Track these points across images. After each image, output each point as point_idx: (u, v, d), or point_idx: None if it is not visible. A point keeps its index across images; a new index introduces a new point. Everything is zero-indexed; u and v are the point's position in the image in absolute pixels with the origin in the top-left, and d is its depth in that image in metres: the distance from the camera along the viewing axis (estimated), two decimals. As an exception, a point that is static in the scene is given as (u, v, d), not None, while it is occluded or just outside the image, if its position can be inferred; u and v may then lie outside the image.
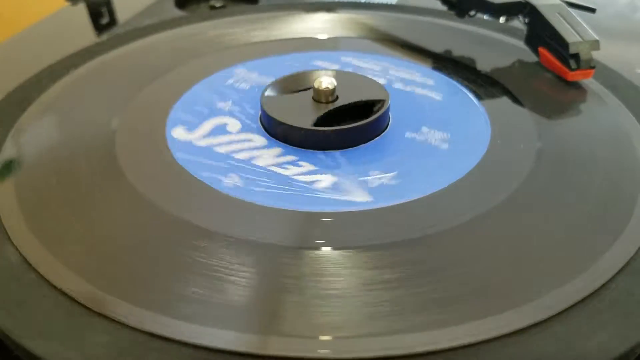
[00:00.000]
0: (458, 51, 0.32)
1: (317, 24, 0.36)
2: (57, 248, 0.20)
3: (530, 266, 0.19)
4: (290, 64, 0.31)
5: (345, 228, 0.21)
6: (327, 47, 0.33)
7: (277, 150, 0.25)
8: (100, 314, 0.17)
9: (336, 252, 0.20)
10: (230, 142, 0.25)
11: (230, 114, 0.27)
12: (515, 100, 0.28)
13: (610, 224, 0.21)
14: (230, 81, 0.30)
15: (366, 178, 0.23)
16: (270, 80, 0.28)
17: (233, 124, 0.26)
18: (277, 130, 0.25)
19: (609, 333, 0.17)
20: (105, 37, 0.37)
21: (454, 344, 0.16)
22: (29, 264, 0.19)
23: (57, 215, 0.22)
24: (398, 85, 0.29)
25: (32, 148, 0.25)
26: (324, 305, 0.18)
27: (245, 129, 0.26)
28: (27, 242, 0.20)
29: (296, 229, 0.21)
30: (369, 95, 0.26)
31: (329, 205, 0.21)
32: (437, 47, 0.33)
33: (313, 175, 0.23)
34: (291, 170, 0.23)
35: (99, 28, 0.39)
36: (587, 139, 0.25)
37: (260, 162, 0.24)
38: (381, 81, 0.28)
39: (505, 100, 0.28)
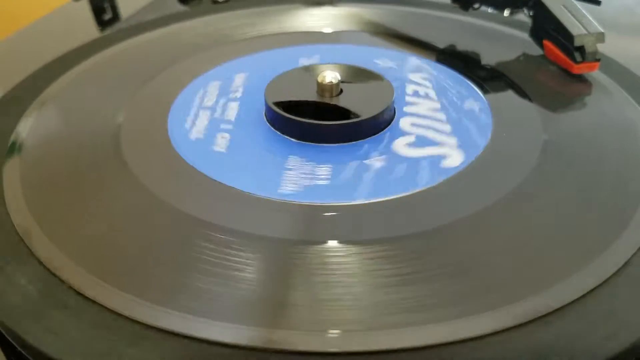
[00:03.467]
0: (462, 44, 0.32)
1: (320, 17, 0.36)
2: (60, 239, 0.20)
3: (534, 260, 0.19)
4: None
5: (351, 222, 0.21)
6: (330, 40, 0.33)
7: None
8: (104, 307, 0.17)
9: (342, 245, 0.20)
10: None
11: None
12: (520, 93, 0.28)
13: (618, 216, 0.20)
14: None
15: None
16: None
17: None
18: (267, 113, 0.26)
19: (611, 329, 0.17)
20: (108, 31, 0.37)
21: (459, 337, 0.16)
22: (35, 257, 0.19)
23: (61, 207, 0.22)
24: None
25: (37, 140, 0.25)
26: (331, 299, 0.18)
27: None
28: (33, 235, 0.20)
29: (301, 223, 0.21)
30: (371, 95, 0.26)
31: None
32: (442, 40, 0.33)
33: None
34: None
35: (102, 24, 0.39)
36: (592, 132, 0.25)
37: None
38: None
39: (510, 93, 0.28)
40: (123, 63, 0.32)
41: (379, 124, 0.25)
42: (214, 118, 0.26)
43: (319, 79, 0.26)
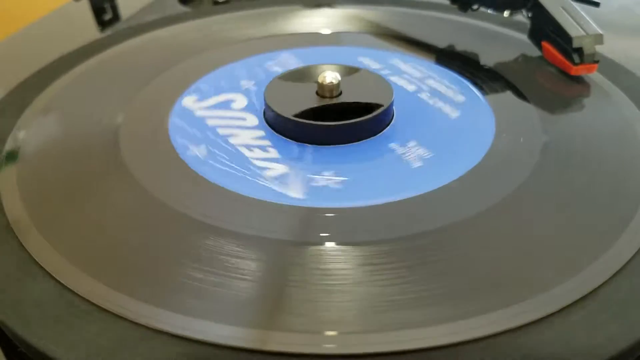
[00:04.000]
0: (461, 45, 0.32)
1: (320, 19, 0.36)
2: (58, 240, 0.20)
3: (534, 261, 0.19)
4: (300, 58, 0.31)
5: (349, 223, 0.21)
6: (330, 42, 0.33)
7: (259, 133, 0.25)
8: (101, 308, 0.18)
9: (340, 246, 0.20)
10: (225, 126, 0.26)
11: (232, 106, 0.27)
12: (519, 94, 0.28)
13: (617, 217, 0.21)
14: (232, 77, 0.30)
15: (314, 176, 0.23)
16: (272, 75, 0.28)
17: (234, 115, 0.27)
18: (266, 115, 0.26)
19: (611, 330, 0.17)
20: (109, 32, 0.37)
21: (458, 339, 0.16)
22: (31, 257, 0.19)
23: (59, 208, 0.22)
24: (400, 81, 0.29)
25: (35, 141, 0.25)
26: (328, 300, 0.18)
27: (245, 119, 0.26)
28: (29, 235, 0.20)
29: (299, 225, 0.21)
30: (371, 95, 0.26)
31: (261, 193, 0.22)
32: (440, 41, 0.33)
33: (271, 163, 0.23)
34: (255, 153, 0.24)
35: (102, 24, 0.39)
36: (591, 133, 0.25)
37: (233, 140, 0.25)
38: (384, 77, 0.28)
39: (509, 95, 0.28)
40: (123, 64, 0.32)
41: (378, 125, 0.25)
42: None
43: (320, 79, 0.26)
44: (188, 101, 0.28)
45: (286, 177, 0.23)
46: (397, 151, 0.24)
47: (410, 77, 0.30)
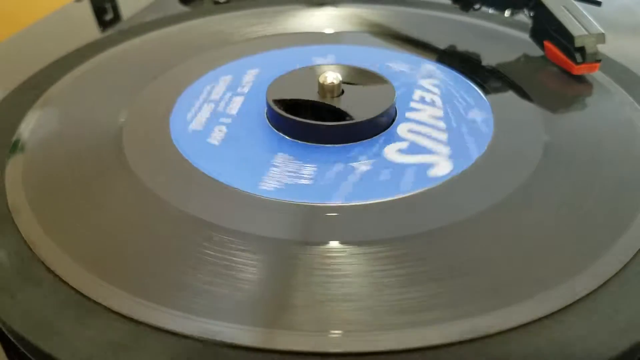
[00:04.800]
0: (463, 45, 0.32)
1: (321, 18, 0.36)
2: (61, 238, 0.20)
3: (535, 261, 0.19)
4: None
5: (351, 222, 0.21)
6: (330, 41, 0.33)
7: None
8: (104, 306, 0.18)
9: (344, 246, 0.20)
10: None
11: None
12: (521, 93, 0.28)
13: (619, 217, 0.21)
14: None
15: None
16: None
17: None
18: (267, 112, 0.26)
19: (612, 330, 0.17)
20: (110, 32, 0.37)
21: (459, 338, 0.16)
22: (34, 254, 0.19)
23: (62, 206, 0.22)
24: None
25: (39, 140, 0.25)
26: (332, 300, 0.18)
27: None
28: (33, 232, 0.20)
29: (302, 224, 0.21)
30: (373, 96, 0.26)
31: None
32: (442, 41, 0.33)
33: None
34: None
35: (103, 24, 0.39)
36: (593, 132, 0.25)
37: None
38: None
39: (511, 94, 0.28)
40: (124, 64, 0.32)
41: (374, 128, 0.25)
42: (215, 118, 0.27)
43: (320, 80, 0.26)
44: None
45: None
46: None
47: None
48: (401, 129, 0.26)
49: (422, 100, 0.28)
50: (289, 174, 0.23)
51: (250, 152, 0.24)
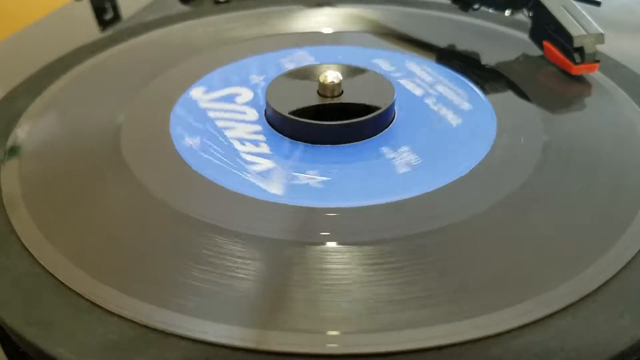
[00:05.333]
0: (461, 45, 0.32)
1: (321, 18, 0.36)
2: (59, 240, 0.20)
3: (535, 261, 0.19)
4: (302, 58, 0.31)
5: (350, 222, 0.21)
6: (328, 42, 0.33)
7: (256, 127, 0.26)
8: (102, 308, 0.18)
9: (341, 246, 0.20)
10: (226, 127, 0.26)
11: (233, 105, 0.27)
12: (520, 94, 0.28)
13: (619, 216, 0.21)
14: (233, 76, 0.30)
15: (298, 174, 0.23)
16: (273, 75, 0.28)
17: (235, 115, 0.27)
18: (265, 112, 0.26)
19: (612, 330, 0.17)
20: (110, 32, 0.37)
21: (459, 339, 0.16)
22: (32, 257, 0.19)
23: (60, 207, 0.22)
24: (402, 80, 0.29)
25: (37, 140, 0.25)
26: (330, 300, 0.18)
27: (246, 118, 0.26)
28: (31, 234, 0.20)
29: (301, 223, 0.21)
30: (373, 95, 0.26)
31: (241, 187, 0.22)
32: (441, 41, 0.33)
33: (259, 158, 0.24)
34: (246, 147, 0.24)
35: (103, 24, 0.39)
36: (593, 132, 0.25)
37: (229, 133, 0.25)
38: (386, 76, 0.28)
39: (510, 94, 0.28)
40: (123, 64, 0.32)
41: (376, 127, 0.25)
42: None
43: (321, 79, 0.26)
44: (188, 101, 0.28)
45: (270, 173, 0.23)
46: (396, 151, 0.24)
47: (410, 76, 0.30)
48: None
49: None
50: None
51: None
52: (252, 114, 0.27)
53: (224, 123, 0.26)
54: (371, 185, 0.22)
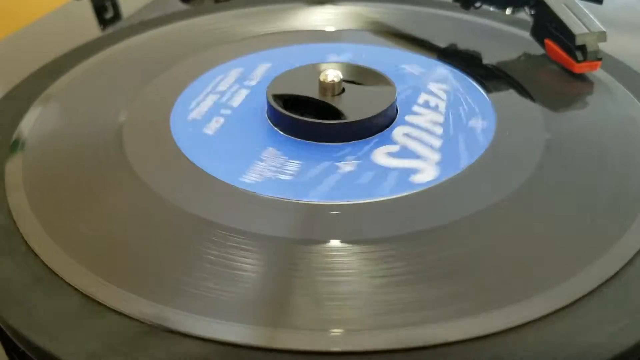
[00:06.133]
0: (464, 43, 0.32)
1: (322, 16, 0.36)
2: (62, 238, 0.20)
3: (536, 260, 0.19)
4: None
5: (352, 221, 0.21)
6: (331, 39, 0.33)
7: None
8: (105, 306, 0.18)
9: (345, 245, 0.20)
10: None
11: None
12: (522, 92, 0.28)
13: (620, 215, 0.21)
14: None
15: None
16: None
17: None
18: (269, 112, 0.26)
19: (613, 329, 0.17)
20: (110, 30, 0.37)
21: (460, 337, 0.16)
22: (36, 255, 0.19)
23: (63, 205, 0.22)
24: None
25: (39, 138, 0.25)
26: (333, 299, 0.18)
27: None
28: (34, 233, 0.20)
29: (304, 222, 0.21)
30: (374, 94, 0.26)
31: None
32: (443, 39, 0.33)
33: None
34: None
35: (104, 22, 0.39)
36: (595, 130, 0.25)
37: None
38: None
39: (511, 93, 0.28)
40: (123, 63, 0.32)
41: (367, 129, 0.25)
42: (217, 118, 0.27)
43: (321, 77, 0.26)
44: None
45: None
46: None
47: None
48: (400, 127, 0.26)
49: (425, 101, 0.28)
50: (293, 172, 0.23)
51: (245, 144, 0.24)
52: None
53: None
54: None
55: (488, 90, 0.28)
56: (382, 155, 0.24)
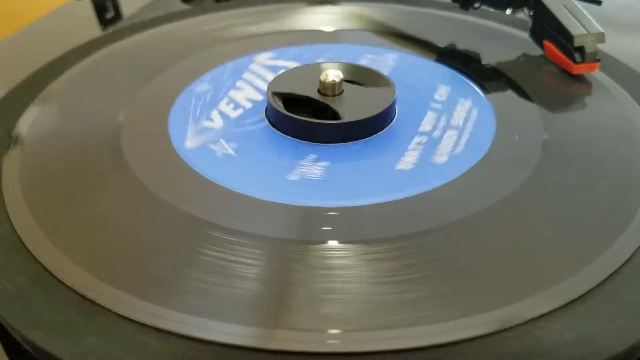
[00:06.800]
0: (462, 44, 0.32)
1: (322, 16, 0.36)
2: (60, 239, 0.20)
3: (535, 260, 0.19)
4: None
5: (351, 222, 0.21)
6: (329, 40, 0.33)
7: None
8: (103, 307, 0.18)
9: (343, 245, 0.20)
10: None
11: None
12: (521, 92, 0.28)
13: (619, 215, 0.21)
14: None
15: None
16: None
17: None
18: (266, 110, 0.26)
19: (613, 329, 0.17)
20: (111, 30, 0.37)
21: (459, 337, 0.16)
22: (33, 257, 0.20)
23: (60, 205, 0.22)
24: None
25: (37, 138, 0.26)
26: (331, 299, 0.18)
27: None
28: (32, 234, 0.20)
29: (301, 223, 0.21)
30: (373, 93, 0.26)
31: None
32: (441, 40, 0.33)
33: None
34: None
35: (104, 22, 0.39)
36: (593, 131, 0.25)
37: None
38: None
39: (510, 93, 0.28)
40: (123, 62, 0.32)
41: (368, 128, 0.25)
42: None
43: (322, 77, 0.26)
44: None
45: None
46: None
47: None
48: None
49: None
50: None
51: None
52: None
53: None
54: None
55: (487, 90, 0.28)
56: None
